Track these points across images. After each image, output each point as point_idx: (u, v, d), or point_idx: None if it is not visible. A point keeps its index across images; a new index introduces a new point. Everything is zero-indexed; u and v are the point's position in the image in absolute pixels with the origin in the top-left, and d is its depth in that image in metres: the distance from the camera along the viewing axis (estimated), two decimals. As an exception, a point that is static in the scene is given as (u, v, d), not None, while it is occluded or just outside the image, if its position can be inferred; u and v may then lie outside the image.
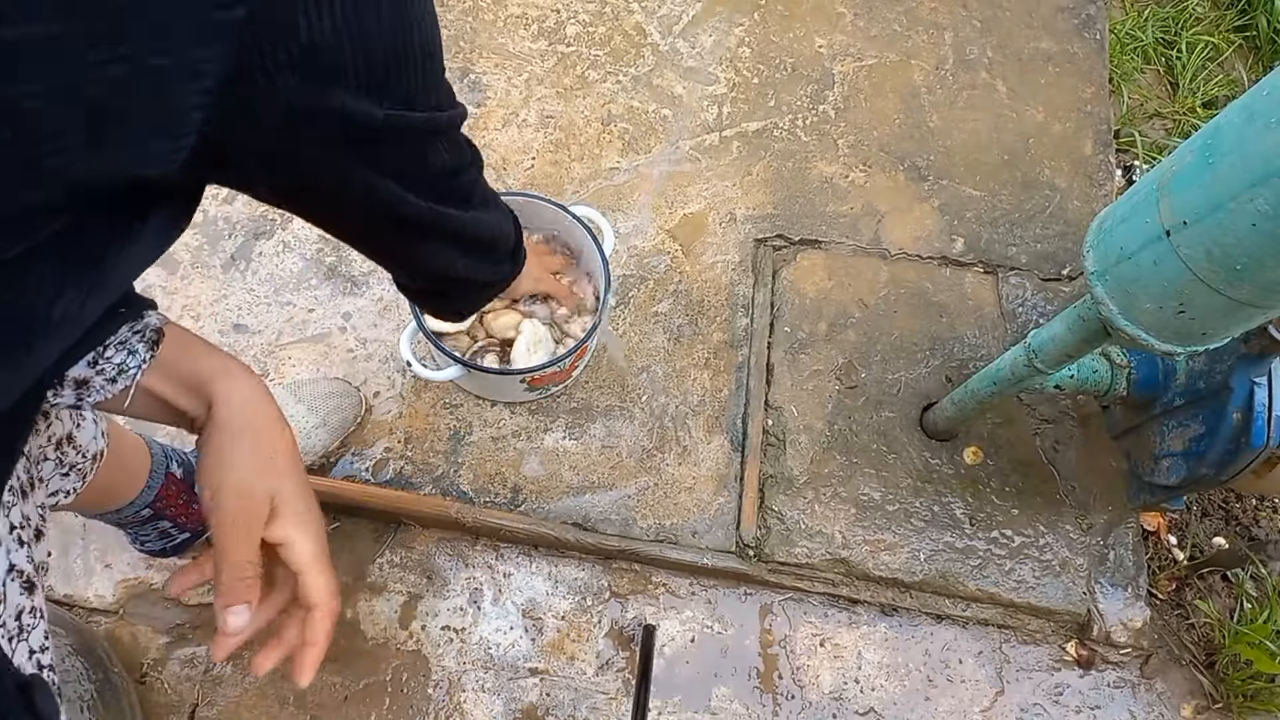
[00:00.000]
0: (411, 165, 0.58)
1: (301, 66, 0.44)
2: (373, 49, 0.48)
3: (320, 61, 0.45)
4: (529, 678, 1.14)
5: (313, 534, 0.65)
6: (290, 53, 0.43)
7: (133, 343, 0.61)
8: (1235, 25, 1.73)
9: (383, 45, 0.48)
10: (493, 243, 0.81)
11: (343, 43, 0.45)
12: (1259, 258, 0.65)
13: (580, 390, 1.28)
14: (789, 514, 1.21)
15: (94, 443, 0.82)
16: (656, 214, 1.41)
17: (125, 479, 0.95)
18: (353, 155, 0.52)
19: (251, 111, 0.44)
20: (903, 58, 1.57)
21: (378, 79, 0.49)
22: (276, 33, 0.42)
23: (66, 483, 0.79)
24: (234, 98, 0.42)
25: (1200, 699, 1.18)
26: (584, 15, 1.58)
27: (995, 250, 1.41)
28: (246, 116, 0.44)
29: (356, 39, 0.46)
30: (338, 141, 0.50)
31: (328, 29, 0.44)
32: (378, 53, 0.48)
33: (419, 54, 0.52)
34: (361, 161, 0.53)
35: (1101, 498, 1.24)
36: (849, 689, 1.15)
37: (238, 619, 0.62)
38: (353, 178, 0.54)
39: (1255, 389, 0.95)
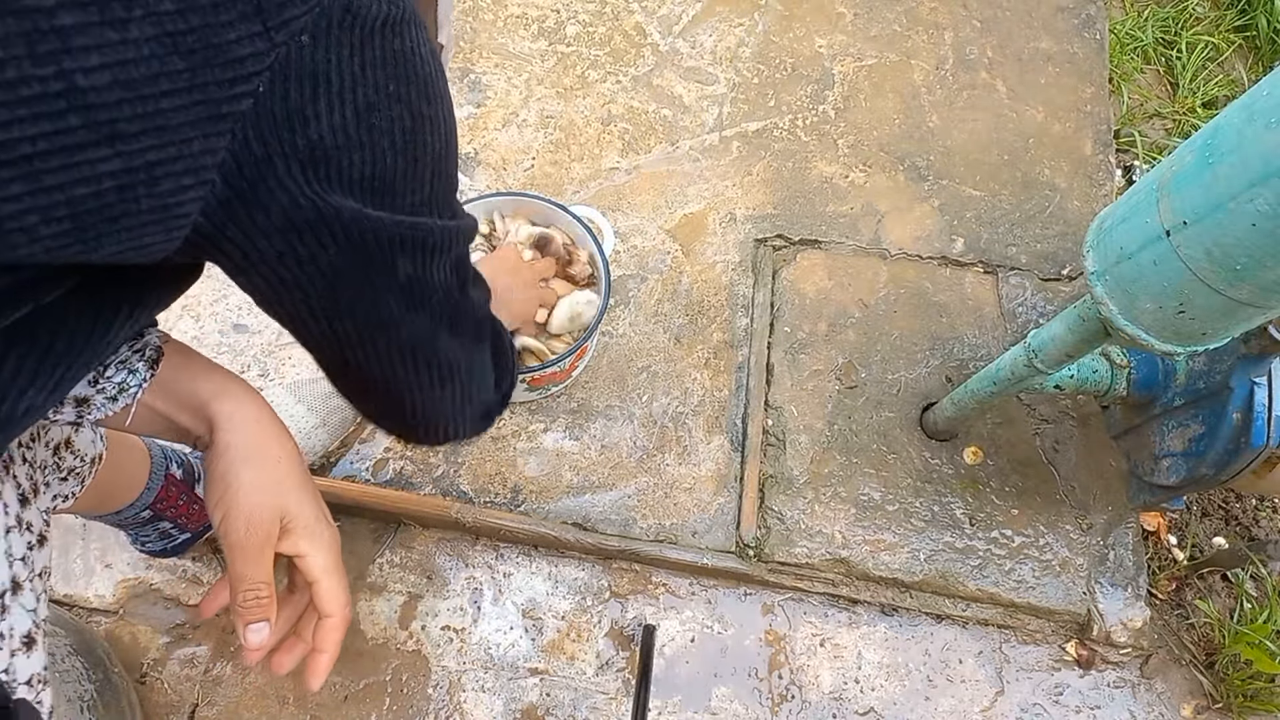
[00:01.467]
0: (417, 277, 0.52)
1: (307, 163, 0.42)
2: (382, 153, 0.45)
3: (328, 159, 0.43)
4: (529, 678, 1.14)
5: (324, 546, 0.66)
6: (296, 146, 0.41)
7: (133, 361, 0.62)
8: (1235, 25, 1.73)
9: (394, 149, 0.46)
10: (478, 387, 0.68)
11: (352, 143, 0.43)
12: (1259, 258, 0.65)
13: (580, 390, 1.28)
14: (789, 514, 1.21)
15: (92, 446, 0.82)
16: (656, 214, 1.41)
17: (124, 481, 0.95)
18: (353, 263, 0.48)
19: (251, 207, 0.42)
20: (903, 58, 1.57)
21: (386, 185, 0.47)
22: (284, 125, 0.40)
23: (65, 487, 0.79)
24: (234, 191, 0.41)
25: (1200, 699, 1.18)
26: (584, 15, 1.58)
27: (995, 250, 1.41)
28: (246, 212, 0.42)
29: (366, 142, 0.44)
30: (338, 247, 0.46)
31: (338, 125, 0.42)
32: (387, 156, 0.46)
33: (431, 158, 0.49)
34: (360, 270, 0.48)
35: (1101, 498, 1.24)
36: (849, 689, 1.15)
37: (257, 635, 0.64)
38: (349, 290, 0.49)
39: (1255, 389, 0.95)
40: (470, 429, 0.67)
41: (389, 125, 0.45)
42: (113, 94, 0.35)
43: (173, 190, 0.39)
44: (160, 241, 0.40)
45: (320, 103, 0.41)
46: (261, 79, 0.38)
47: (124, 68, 0.35)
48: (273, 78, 0.39)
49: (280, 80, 0.39)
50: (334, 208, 0.44)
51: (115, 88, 0.35)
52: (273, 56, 0.38)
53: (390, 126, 0.45)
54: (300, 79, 0.40)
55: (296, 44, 0.39)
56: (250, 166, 0.40)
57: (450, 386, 0.60)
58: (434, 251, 0.52)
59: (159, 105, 0.36)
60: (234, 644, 1.14)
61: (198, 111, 0.37)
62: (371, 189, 0.46)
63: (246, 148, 0.40)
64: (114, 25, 0.34)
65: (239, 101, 0.38)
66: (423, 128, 0.48)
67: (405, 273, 0.51)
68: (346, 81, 0.42)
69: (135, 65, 0.35)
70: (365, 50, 0.42)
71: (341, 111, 0.42)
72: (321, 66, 0.40)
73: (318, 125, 0.41)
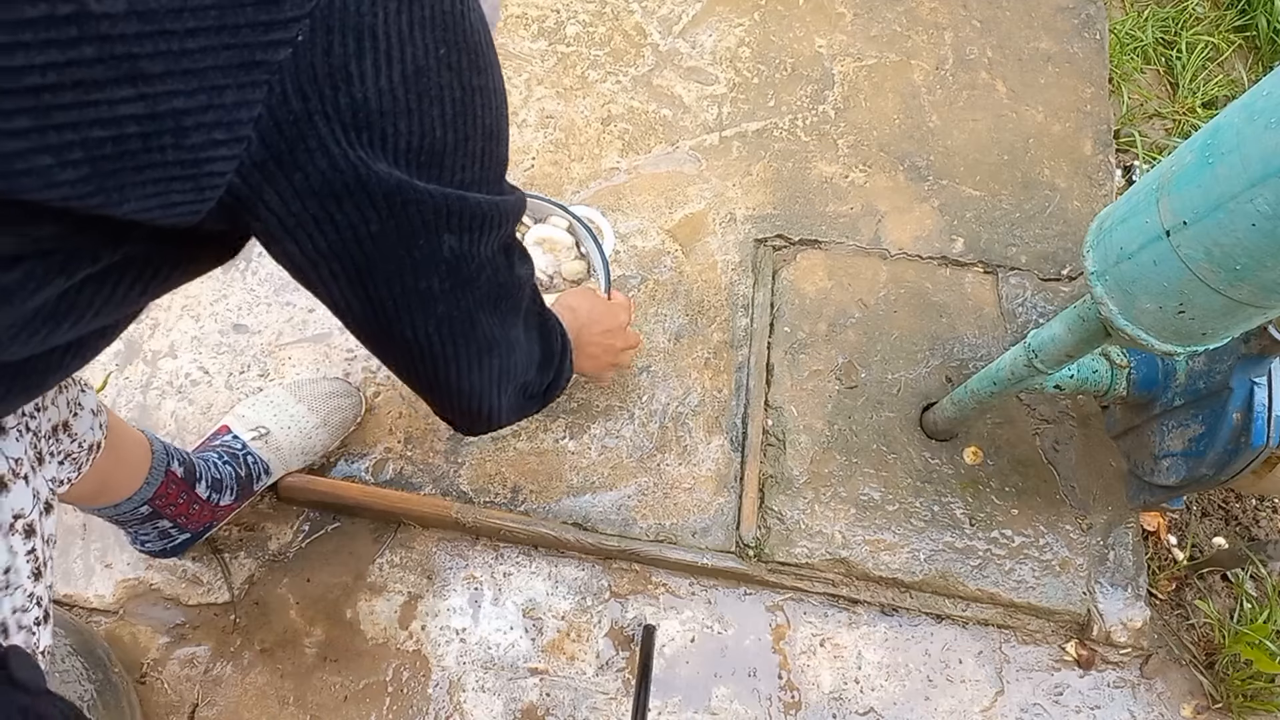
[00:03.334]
0: (462, 253, 0.50)
1: (350, 126, 0.39)
2: (431, 123, 0.42)
3: (371, 124, 0.40)
4: (529, 678, 1.14)
5: None
6: (339, 106, 0.38)
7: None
8: (1235, 25, 1.73)
9: (443, 121, 0.43)
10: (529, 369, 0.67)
11: (399, 108, 0.40)
12: (1259, 258, 0.65)
13: (580, 390, 1.28)
14: (789, 514, 1.21)
15: (90, 433, 0.82)
16: (656, 214, 1.41)
17: (124, 473, 0.95)
18: (395, 235, 0.45)
19: (289, 170, 0.39)
20: (903, 58, 1.57)
21: (435, 158, 0.44)
22: (325, 81, 0.37)
23: (61, 471, 0.79)
24: (271, 152, 0.38)
25: (1200, 699, 1.18)
26: (584, 15, 1.58)
27: (995, 250, 1.41)
28: (284, 174, 0.39)
29: (415, 109, 0.41)
30: (379, 218, 0.43)
31: (384, 88, 0.39)
32: (437, 128, 0.43)
33: (481, 134, 0.47)
34: (402, 243, 0.46)
35: (1101, 498, 1.24)
36: (849, 689, 1.15)
37: None
38: (389, 263, 0.46)
39: (1255, 389, 0.95)
40: (509, 411, 0.65)
41: (438, 93, 0.42)
42: (130, 25, 0.31)
43: (203, 144, 0.36)
44: (191, 201, 0.37)
45: (366, 60, 0.38)
46: (300, 26, 0.35)
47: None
48: (313, 27, 0.35)
49: (322, 30, 0.36)
50: (377, 175, 0.41)
51: (133, 18, 0.31)
52: (313, 2, 0.35)
53: (440, 95, 0.42)
54: (344, 31, 0.36)
55: None
56: (289, 125, 0.37)
57: (488, 361, 0.58)
58: (482, 228, 0.50)
59: (184, 45, 0.33)
60: (234, 644, 1.14)
61: (228, 56, 0.34)
62: (419, 161, 0.43)
63: (285, 103, 0.36)
64: None
65: (276, 50, 0.35)
66: (474, 99, 0.45)
67: (450, 248, 0.48)
68: (394, 39, 0.38)
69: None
70: (414, 7, 0.39)
71: (389, 73, 0.39)
72: (367, 20, 0.37)
73: (362, 86, 0.38)
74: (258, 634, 1.14)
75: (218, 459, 1.08)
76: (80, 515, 1.17)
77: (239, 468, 1.09)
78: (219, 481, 1.06)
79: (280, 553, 1.18)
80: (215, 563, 1.17)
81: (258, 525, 1.19)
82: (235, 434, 1.12)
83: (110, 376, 1.26)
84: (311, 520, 1.20)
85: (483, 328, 0.56)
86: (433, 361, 0.55)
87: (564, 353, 0.74)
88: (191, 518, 1.05)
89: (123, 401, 1.24)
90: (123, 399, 1.24)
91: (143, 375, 1.26)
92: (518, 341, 0.62)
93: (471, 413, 0.62)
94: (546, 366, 0.70)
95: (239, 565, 1.17)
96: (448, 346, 0.54)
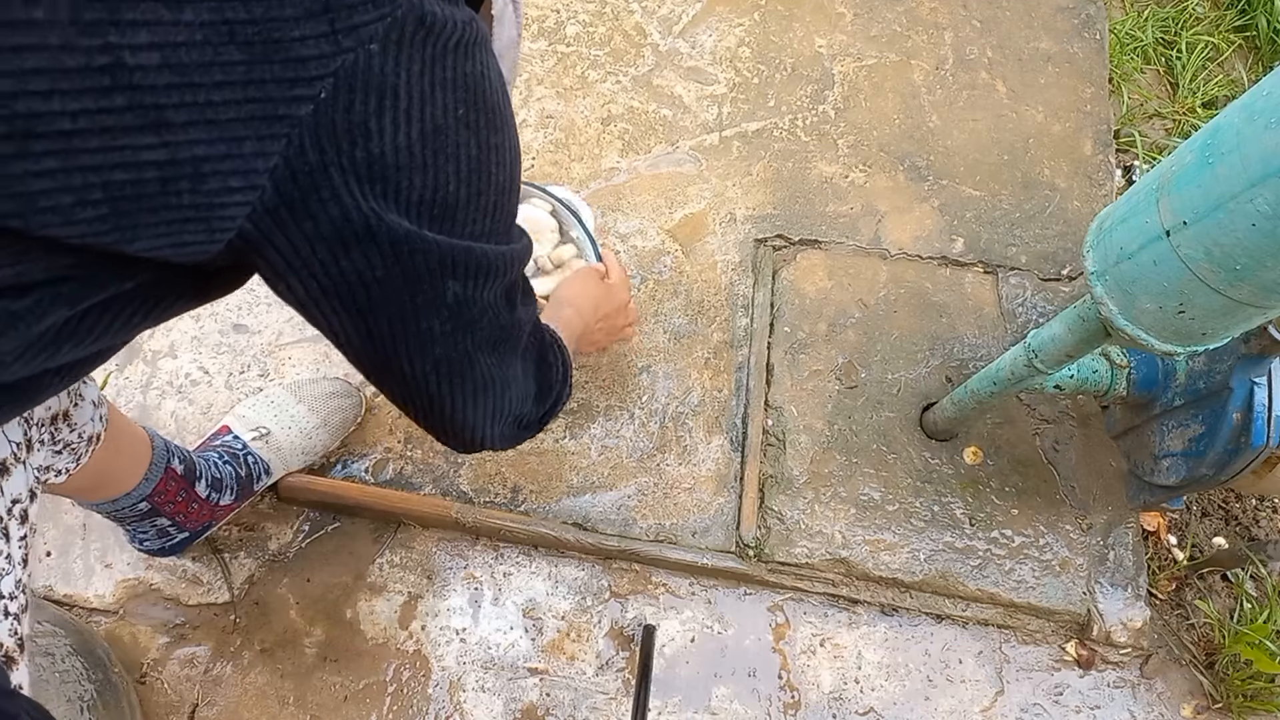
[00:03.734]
0: (465, 299, 0.51)
1: (365, 179, 0.40)
2: (446, 179, 0.43)
3: (386, 177, 0.40)
4: (529, 678, 1.14)
5: None
6: (355, 160, 0.39)
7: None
8: (1235, 25, 1.73)
9: (458, 176, 0.44)
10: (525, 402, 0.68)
11: (415, 164, 0.41)
12: (1259, 258, 0.65)
13: (580, 390, 1.28)
14: (789, 514, 1.21)
15: (90, 425, 0.82)
16: (656, 214, 1.41)
17: (123, 467, 0.95)
18: (400, 282, 0.46)
19: (300, 217, 0.40)
20: (903, 58, 1.57)
21: (447, 211, 0.45)
22: (344, 136, 0.38)
23: (59, 461, 0.79)
24: (284, 199, 0.39)
25: (1200, 699, 1.18)
26: (584, 15, 1.58)
27: (995, 250, 1.41)
28: (295, 221, 0.40)
29: (430, 165, 0.42)
30: (385, 265, 0.44)
31: (402, 144, 0.40)
32: (450, 183, 0.44)
33: (494, 189, 0.47)
34: (406, 289, 0.47)
35: (1101, 498, 1.24)
36: (849, 689, 1.15)
37: None
38: (391, 306, 0.47)
39: (1255, 389, 0.95)
40: (503, 440, 0.66)
41: (455, 150, 0.43)
42: (161, 77, 0.33)
43: (219, 190, 0.37)
44: (202, 242, 0.39)
45: (385, 118, 0.39)
46: (325, 84, 0.36)
47: (175, 50, 0.33)
48: (336, 85, 0.37)
49: (345, 89, 0.37)
50: (388, 225, 0.42)
51: (164, 71, 0.33)
52: (338, 62, 0.36)
53: (456, 152, 0.43)
54: (366, 90, 0.38)
55: (365, 51, 0.37)
56: (304, 175, 0.38)
57: (484, 398, 0.59)
58: (487, 276, 0.51)
59: (210, 97, 0.34)
60: (234, 644, 1.14)
61: (252, 109, 0.35)
62: (430, 214, 0.44)
63: (302, 155, 0.37)
64: (168, 3, 0.32)
65: (298, 105, 0.36)
66: (489, 156, 0.46)
67: (453, 294, 0.49)
68: (415, 99, 0.39)
69: (187, 49, 0.33)
70: (436, 69, 0.40)
71: (408, 130, 0.40)
72: (390, 79, 0.38)
73: (380, 141, 0.39)
74: (258, 634, 1.14)
75: (218, 458, 1.08)
76: (80, 514, 1.17)
77: (239, 467, 1.09)
78: (219, 481, 1.06)
79: (280, 553, 1.18)
80: (215, 563, 1.17)
81: (258, 525, 1.19)
82: (236, 434, 1.12)
83: (110, 376, 1.26)
84: (311, 520, 1.20)
85: (480, 368, 0.57)
86: (428, 396, 0.56)
87: (563, 382, 0.74)
88: (190, 516, 1.05)
89: (123, 401, 1.24)
90: (123, 399, 1.24)
91: (143, 375, 1.26)
92: (514, 379, 0.63)
93: (465, 441, 0.63)
94: (543, 399, 0.71)
95: (239, 565, 1.17)
96: (444, 384, 0.55)
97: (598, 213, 1.40)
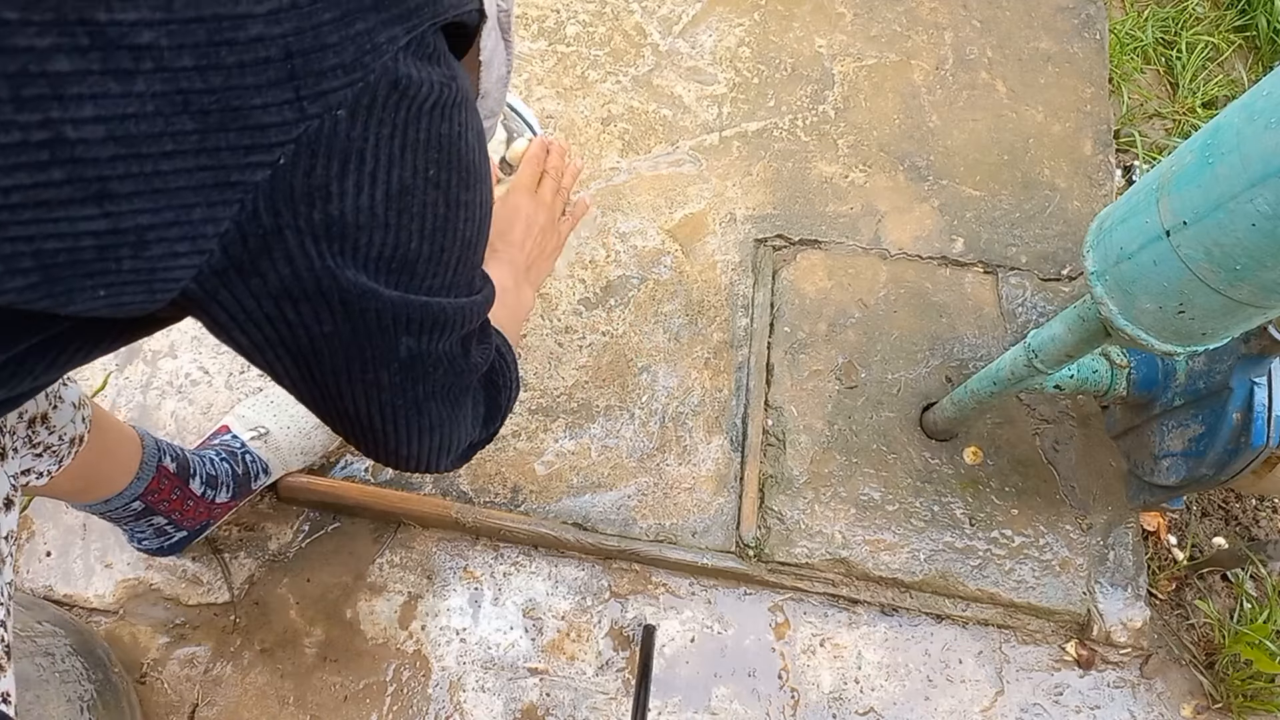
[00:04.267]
0: (419, 352, 0.49)
1: (322, 238, 0.38)
2: (409, 235, 0.42)
3: (345, 235, 0.39)
4: (529, 678, 1.14)
5: None
6: (313, 221, 0.37)
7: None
8: (1235, 25, 1.73)
9: (421, 233, 0.42)
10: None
11: (376, 222, 0.39)
12: (1259, 258, 0.65)
13: (580, 390, 1.28)
14: (789, 514, 1.21)
15: (71, 426, 0.81)
16: (656, 214, 1.41)
17: (111, 468, 0.94)
18: (350, 335, 0.44)
19: (248, 276, 0.38)
20: (903, 58, 1.57)
21: (407, 266, 0.43)
22: (302, 199, 0.36)
23: (40, 463, 0.79)
24: (232, 261, 0.37)
25: (1200, 699, 1.18)
26: (584, 15, 1.58)
27: (995, 250, 1.41)
28: (243, 280, 0.38)
29: (393, 224, 0.40)
30: (334, 320, 0.42)
31: (364, 205, 0.38)
32: (413, 240, 0.42)
33: (460, 244, 0.46)
34: (355, 342, 0.45)
35: (1101, 498, 1.24)
36: (849, 689, 1.15)
37: None
38: (338, 357, 0.46)
39: (1255, 389, 0.95)
40: (450, 466, 0.65)
41: (421, 210, 0.41)
42: (106, 149, 0.31)
43: (163, 255, 0.35)
44: (141, 302, 0.37)
45: (348, 180, 0.37)
46: (284, 150, 0.35)
47: (122, 123, 0.31)
48: (297, 150, 0.35)
49: (306, 154, 0.35)
50: (340, 283, 0.40)
51: (110, 143, 0.31)
52: (302, 128, 0.35)
53: (422, 211, 0.42)
54: (330, 154, 0.36)
55: (331, 118, 0.35)
56: (256, 238, 0.36)
57: (430, 438, 0.58)
58: (444, 330, 0.49)
59: (159, 166, 0.33)
60: (234, 644, 1.14)
61: (203, 177, 0.34)
62: (389, 269, 0.42)
63: (255, 219, 0.36)
64: (117, 76, 0.31)
65: (253, 171, 0.34)
66: (457, 214, 0.44)
67: (406, 348, 0.47)
68: (382, 162, 0.38)
69: (137, 121, 0.31)
70: (409, 131, 0.39)
71: (371, 192, 0.38)
72: (357, 144, 0.37)
73: (341, 203, 0.38)
74: (258, 634, 1.14)
75: (215, 456, 1.08)
76: (80, 515, 1.17)
77: (236, 465, 1.09)
78: (214, 478, 1.06)
79: (280, 553, 1.18)
80: (215, 563, 1.17)
81: (258, 525, 1.19)
82: (234, 434, 1.12)
83: (110, 376, 1.26)
84: (311, 520, 1.20)
85: (430, 413, 0.55)
86: (373, 434, 0.54)
87: (512, 397, 0.72)
88: (186, 514, 1.05)
89: (123, 401, 1.24)
90: (123, 399, 1.24)
91: (143, 375, 1.26)
92: (464, 415, 0.61)
93: (410, 469, 0.61)
94: (491, 420, 0.69)
95: (239, 565, 1.17)
96: (389, 426, 0.53)
97: (598, 213, 1.40)
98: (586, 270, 1.36)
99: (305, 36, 0.33)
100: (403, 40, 0.37)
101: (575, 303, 1.34)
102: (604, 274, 1.36)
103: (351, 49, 0.35)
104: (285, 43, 0.33)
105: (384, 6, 0.36)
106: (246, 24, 0.32)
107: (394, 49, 0.37)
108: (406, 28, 0.37)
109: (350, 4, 0.35)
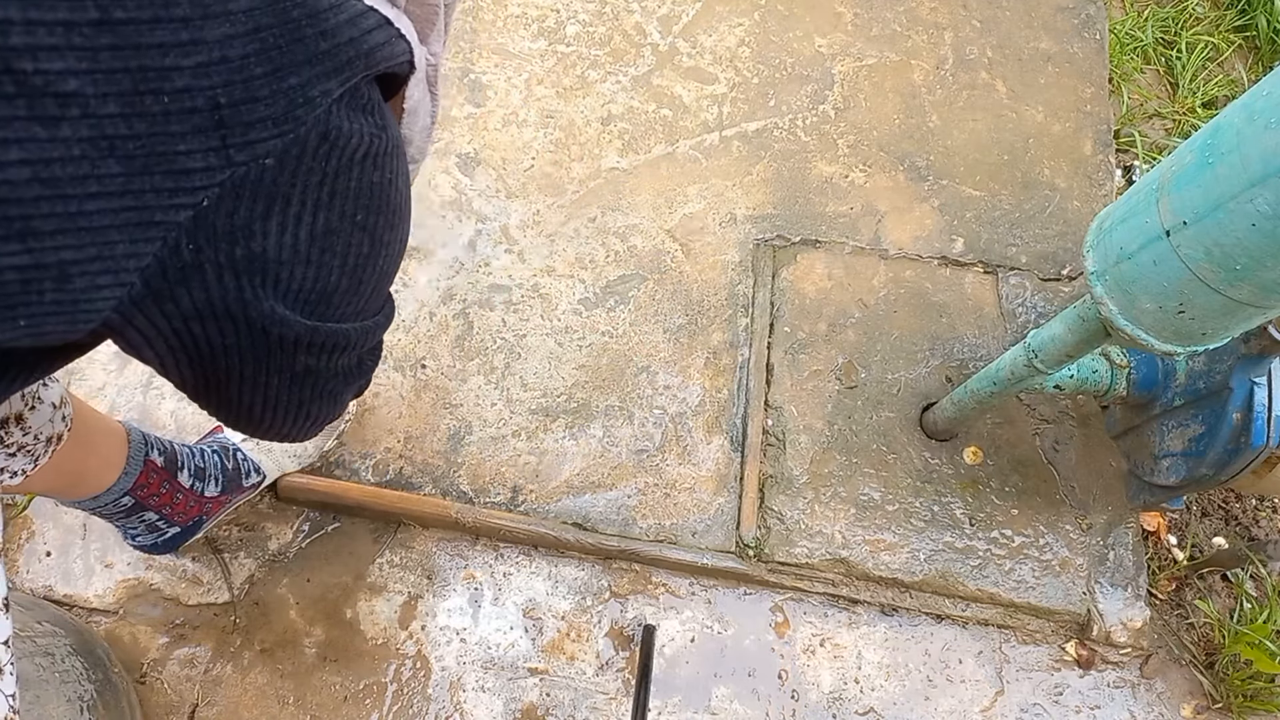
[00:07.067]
0: (315, 368, 0.51)
1: (242, 272, 0.39)
2: (329, 271, 0.43)
3: (266, 270, 0.40)
4: (529, 678, 1.14)
5: None
6: (234, 257, 0.38)
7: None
8: (1235, 25, 1.73)
9: (342, 269, 0.44)
10: None
11: (299, 259, 0.41)
12: (1259, 258, 0.65)
13: (580, 390, 1.28)
14: (789, 514, 1.21)
15: (50, 426, 0.81)
16: (656, 214, 1.41)
17: (97, 464, 0.94)
18: (249, 350, 0.45)
19: (163, 302, 0.39)
20: (903, 58, 1.57)
21: (324, 298, 0.44)
22: (224, 237, 0.37)
23: (13, 463, 0.79)
24: (152, 291, 0.38)
25: (1200, 699, 1.18)
26: (584, 15, 1.58)
27: (995, 250, 1.41)
28: (158, 306, 0.39)
29: (315, 260, 0.42)
30: (238, 336, 0.43)
31: (287, 244, 0.40)
32: (333, 275, 0.43)
33: (376, 277, 0.47)
34: (253, 356, 0.46)
35: (1101, 498, 1.24)
36: (849, 689, 1.15)
37: None
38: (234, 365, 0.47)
39: (1255, 389, 0.95)
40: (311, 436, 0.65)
41: (344, 249, 0.43)
42: (30, 190, 0.32)
43: (85, 288, 0.36)
44: (62, 331, 0.37)
45: (271, 221, 0.38)
46: (208, 194, 0.36)
47: (48, 166, 0.32)
48: (221, 194, 0.36)
49: (230, 197, 0.36)
50: (252, 311, 0.41)
51: (34, 184, 0.32)
52: (227, 174, 0.36)
53: (345, 250, 0.43)
54: (255, 197, 0.37)
55: (258, 165, 0.36)
56: (175, 271, 0.37)
57: (306, 425, 0.58)
58: (344, 350, 0.51)
59: (83, 206, 0.33)
60: (234, 644, 1.14)
61: (127, 216, 0.34)
62: (307, 301, 0.43)
63: (176, 253, 0.37)
64: (43, 122, 0.31)
65: (177, 212, 0.35)
66: (379, 252, 0.46)
67: (303, 364, 0.49)
68: (308, 206, 0.39)
69: (62, 164, 0.32)
70: (338, 180, 0.40)
71: (295, 232, 0.40)
72: (284, 189, 0.38)
73: (264, 240, 0.39)
74: (258, 634, 1.14)
75: (205, 449, 1.08)
76: (80, 515, 1.17)
77: (226, 460, 1.09)
78: (202, 470, 1.06)
79: (280, 553, 1.18)
80: (215, 563, 1.17)
81: (258, 525, 1.19)
82: (227, 433, 1.12)
83: (110, 376, 1.26)
84: (311, 520, 1.20)
85: (311, 410, 0.56)
86: (249, 418, 0.54)
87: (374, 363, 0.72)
88: (177, 508, 1.05)
89: (122, 401, 1.24)
90: (122, 399, 1.24)
91: (143, 375, 1.26)
92: (343, 405, 0.62)
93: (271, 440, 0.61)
94: (360, 394, 0.69)
95: (239, 565, 1.17)
96: (268, 414, 0.53)
97: (598, 212, 1.40)
98: (586, 270, 1.36)
99: (234, 89, 0.34)
100: (336, 93, 0.38)
101: (575, 302, 1.34)
102: (604, 274, 1.36)
103: (283, 102, 0.36)
104: (213, 94, 0.34)
105: (318, 60, 0.37)
106: (173, 75, 0.33)
107: (327, 101, 0.38)
108: (340, 80, 0.38)
109: (283, 59, 0.36)
